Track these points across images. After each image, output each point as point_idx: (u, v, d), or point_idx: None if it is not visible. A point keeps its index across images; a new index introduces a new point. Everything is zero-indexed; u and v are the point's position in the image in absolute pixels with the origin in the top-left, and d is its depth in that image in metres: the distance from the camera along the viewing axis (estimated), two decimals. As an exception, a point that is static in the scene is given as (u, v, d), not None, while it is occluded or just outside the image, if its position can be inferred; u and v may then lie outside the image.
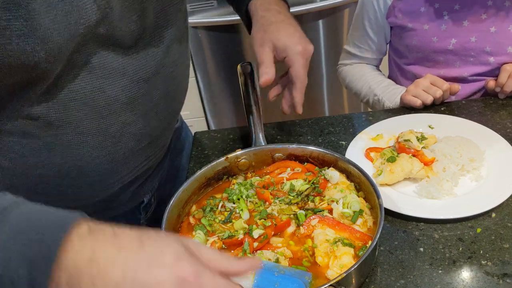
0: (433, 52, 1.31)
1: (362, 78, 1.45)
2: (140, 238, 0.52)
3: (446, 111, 1.21)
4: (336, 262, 0.77)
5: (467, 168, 1.00)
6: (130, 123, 0.85)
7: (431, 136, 1.09)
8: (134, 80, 0.81)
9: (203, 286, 0.50)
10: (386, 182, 0.99)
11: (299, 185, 0.92)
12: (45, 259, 0.49)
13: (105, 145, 0.84)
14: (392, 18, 1.36)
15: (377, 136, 1.13)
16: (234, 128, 1.27)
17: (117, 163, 0.88)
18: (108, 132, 0.82)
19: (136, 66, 0.82)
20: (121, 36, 0.77)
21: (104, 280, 0.48)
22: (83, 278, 0.48)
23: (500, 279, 0.78)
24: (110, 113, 0.80)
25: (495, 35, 1.24)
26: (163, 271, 0.49)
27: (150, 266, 0.49)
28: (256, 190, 0.93)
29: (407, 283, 0.80)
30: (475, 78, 1.31)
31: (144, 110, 0.86)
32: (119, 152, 0.87)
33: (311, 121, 1.24)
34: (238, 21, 2.09)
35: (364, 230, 0.83)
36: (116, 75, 0.78)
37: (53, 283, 0.49)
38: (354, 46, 1.50)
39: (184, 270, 0.49)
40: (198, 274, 0.50)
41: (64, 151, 0.80)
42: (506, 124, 1.13)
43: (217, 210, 0.91)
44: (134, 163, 0.93)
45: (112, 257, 0.49)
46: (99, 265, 0.49)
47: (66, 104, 0.75)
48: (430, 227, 0.90)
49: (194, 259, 0.51)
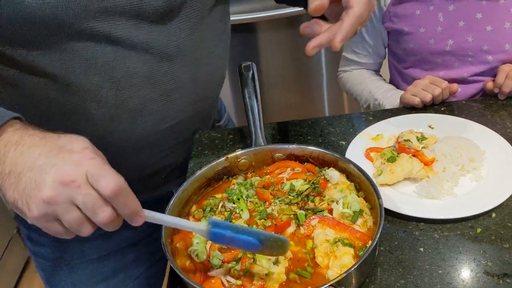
0: (431, 54, 1.32)
1: (362, 83, 1.46)
2: (60, 134, 0.63)
3: (446, 111, 1.21)
4: (336, 262, 0.77)
5: (467, 168, 1.00)
6: (150, 99, 0.85)
7: (431, 136, 1.09)
8: (156, 56, 0.82)
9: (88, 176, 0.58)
10: (386, 182, 0.99)
11: (299, 185, 0.92)
12: None
13: (123, 119, 0.84)
14: (388, 23, 1.36)
15: (377, 136, 1.13)
16: (234, 128, 1.27)
17: (135, 141, 0.88)
18: (126, 105, 0.84)
19: (159, 43, 0.83)
20: (147, 10, 0.78)
21: (24, 158, 0.59)
22: (8, 156, 0.60)
23: (500, 279, 0.78)
24: (129, 85, 0.82)
25: (491, 33, 1.24)
26: (70, 155, 0.59)
27: (61, 150, 0.60)
28: (256, 190, 0.93)
29: (407, 283, 0.80)
30: (475, 78, 1.31)
31: (165, 89, 0.86)
32: (138, 128, 0.87)
33: (311, 121, 1.24)
34: (240, 21, 2.10)
35: (364, 230, 0.83)
36: (137, 48, 0.80)
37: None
38: (352, 53, 1.51)
39: (87, 162, 0.59)
40: (94, 171, 0.58)
41: (81, 118, 0.82)
42: (506, 124, 1.13)
43: (217, 210, 0.90)
44: (155, 149, 0.92)
45: (34, 142, 0.61)
46: (23, 146, 0.60)
47: (85, 70, 0.78)
48: (430, 227, 0.90)
49: (98, 153, 0.61)
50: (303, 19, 2.14)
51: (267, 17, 2.08)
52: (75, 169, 0.58)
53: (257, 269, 0.76)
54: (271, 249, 0.73)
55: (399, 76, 1.46)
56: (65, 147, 0.61)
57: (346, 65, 1.54)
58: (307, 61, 2.27)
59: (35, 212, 0.58)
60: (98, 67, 0.79)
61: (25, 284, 2.47)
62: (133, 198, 0.61)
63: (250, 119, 1.04)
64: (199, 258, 0.80)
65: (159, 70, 0.85)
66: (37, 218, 0.59)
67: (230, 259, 0.79)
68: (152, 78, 0.85)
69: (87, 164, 0.59)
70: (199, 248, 0.81)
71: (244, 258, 0.78)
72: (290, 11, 2.06)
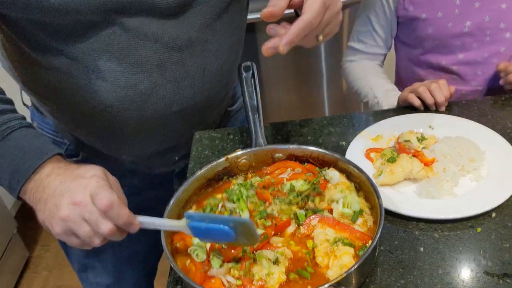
0: (450, 38, 1.34)
1: (365, 78, 1.46)
2: (80, 165, 0.78)
3: (446, 111, 1.21)
4: (336, 262, 0.77)
5: (467, 168, 1.00)
6: (159, 84, 0.93)
7: (431, 136, 1.09)
8: (166, 46, 0.90)
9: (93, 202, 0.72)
10: (386, 183, 0.99)
11: (299, 185, 0.92)
12: (22, 174, 0.77)
13: (133, 99, 0.94)
14: (402, 12, 1.38)
15: (377, 136, 1.13)
16: (234, 128, 1.27)
17: (148, 120, 0.99)
18: (137, 87, 0.92)
19: (170, 34, 0.89)
20: (160, 5, 0.85)
21: (50, 187, 0.75)
22: (40, 185, 0.76)
23: (500, 279, 0.78)
24: (140, 71, 0.90)
25: (506, 11, 1.28)
26: (80, 181, 0.74)
27: (76, 178, 0.75)
28: (256, 190, 0.93)
29: (407, 283, 0.80)
30: (494, 59, 1.34)
31: (175, 76, 0.94)
32: (148, 110, 0.96)
33: (311, 121, 1.24)
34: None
35: (364, 230, 0.83)
36: (149, 38, 0.88)
37: (24, 188, 0.78)
38: (359, 42, 1.51)
39: (91, 184, 0.72)
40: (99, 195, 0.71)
41: (95, 95, 0.92)
42: (506, 124, 1.13)
43: (217, 210, 0.90)
44: (168, 128, 1.03)
45: (60, 172, 0.76)
46: (50, 177, 0.76)
47: (100, 55, 0.88)
48: (430, 227, 0.90)
49: (104, 178, 0.75)
50: (303, 19, 2.14)
51: (267, 17, 2.08)
52: (83, 191, 0.72)
53: (257, 269, 0.76)
54: (244, 236, 0.74)
55: (415, 64, 1.46)
56: (80, 175, 0.75)
57: (352, 55, 1.54)
58: (307, 61, 2.27)
59: (56, 228, 0.74)
60: (113, 52, 0.88)
61: (25, 284, 2.48)
62: (124, 210, 0.72)
63: (250, 119, 1.04)
64: (199, 258, 0.80)
65: (170, 59, 0.92)
66: (59, 234, 0.74)
67: (230, 259, 0.79)
68: (162, 66, 0.92)
69: (90, 187, 0.72)
70: (199, 248, 0.81)
71: (244, 258, 0.78)
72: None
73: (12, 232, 2.45)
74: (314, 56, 2.24)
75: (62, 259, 2.55)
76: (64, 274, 2.48)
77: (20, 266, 2.50)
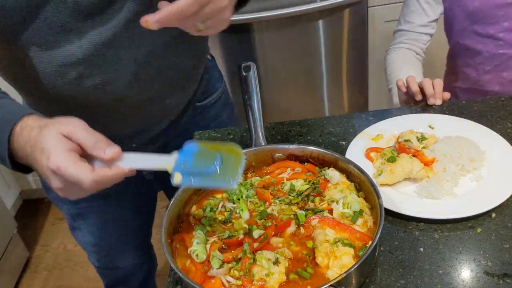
0: (495, 8, 1.39)
1: (398, 67, 1.50)
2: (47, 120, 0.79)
3: (446, 111, 1.21)
4: (336, 262, 0.77)
5: (467, 168, 1.00)
6: (88, 76, 0.97)
7: (431, 136, 1.09)
8: (91, 42, 0.93)
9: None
10: (386, 182, 0.99)
11: (299, 185, 0.92)
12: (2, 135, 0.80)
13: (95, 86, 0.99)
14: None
15: (377, 136, 1.13)
16: (234, 128, 1.27)
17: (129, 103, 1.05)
18: (87, 82, 0.98)
19: (95, 30, 0.92)
20: (83, 3, 0.88)
21: (23, 136, 0.79)
22: (18, 135, 0.80)
23: (500, 279, 0.78)
24: (67, 64, 0.94)
25: None
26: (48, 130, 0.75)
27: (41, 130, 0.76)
28: (256, 190, 0.93)
29: (407, 283, 0.80)
30: None
31: (111, 71, 0.98)
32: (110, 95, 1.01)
33: (311, 121, 1.24)
34: (239, 21, 2.10)
35: (364, 230, 0.83)
36: (73, 34, 0.91)
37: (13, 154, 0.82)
38: (405, 23, 1.55)
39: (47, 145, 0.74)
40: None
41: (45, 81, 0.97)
42: (506, 124, 1.13)
43: (217, 210, 0.90)
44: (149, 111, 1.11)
45: (31, 124, 0.79)
46: (24, 129, 0.79)
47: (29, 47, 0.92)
48: (430, 227, 0.90)
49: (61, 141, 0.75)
50: (302, 19, 2.14)
51: (266, 17, 2.08)
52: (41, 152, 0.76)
53: (257, 269, 0.76)
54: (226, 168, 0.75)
55: (468, 37, 1.50)
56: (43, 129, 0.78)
57: (398, 37, 1.57)
58: (307, 61, 2.27)
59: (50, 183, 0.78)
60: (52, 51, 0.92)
61: (25, 284, 2.47)
62: (71, 169, 0.72)
63: (250, 119, 1.04)
64: (199, 258, 0.80)
65: (96, 51, 0.94)
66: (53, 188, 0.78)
67: (230, 259, 0.79)
68: (91, 61, 0.95)
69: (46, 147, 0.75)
70: (199, 248, 0.81)
71: (244, 258, 0.78)
72: (289, 11, 2.06)
73: (12, 232, 2.44)
74: (314, 56, 2.24)
75: (62, 259, 2.56)
76: (64, 274, 2.48)
77: (20, 266, 2.50)
